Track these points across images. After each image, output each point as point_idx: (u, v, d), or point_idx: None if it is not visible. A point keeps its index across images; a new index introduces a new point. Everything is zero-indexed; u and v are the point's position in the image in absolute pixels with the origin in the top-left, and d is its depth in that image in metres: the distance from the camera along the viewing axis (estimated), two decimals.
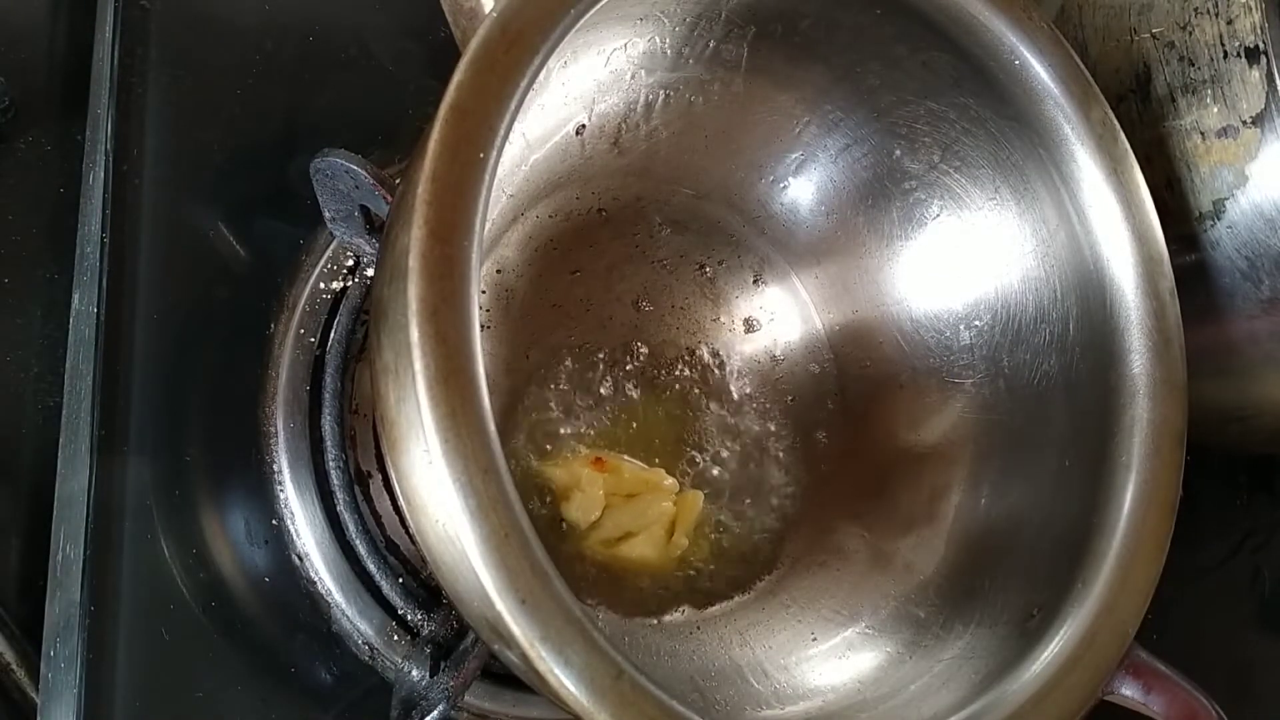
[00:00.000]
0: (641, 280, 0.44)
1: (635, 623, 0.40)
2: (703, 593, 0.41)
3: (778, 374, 0.46)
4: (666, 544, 0.40)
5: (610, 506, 0.40)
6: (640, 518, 0.40)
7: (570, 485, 0.40)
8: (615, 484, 0.40)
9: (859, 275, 0.45)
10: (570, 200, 0.43)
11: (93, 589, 0.35)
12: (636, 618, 0.40)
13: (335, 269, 0.43)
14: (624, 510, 0.40)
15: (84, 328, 0.38)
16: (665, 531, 0.40)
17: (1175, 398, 0.36)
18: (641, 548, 0.40)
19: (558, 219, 0.43)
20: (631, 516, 0.40)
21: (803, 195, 0.45)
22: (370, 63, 0.46)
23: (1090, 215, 0.37)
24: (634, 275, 0.44)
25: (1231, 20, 0.37)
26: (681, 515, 0.41)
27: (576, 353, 0.42)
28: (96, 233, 0.38)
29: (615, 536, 0.40)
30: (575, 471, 0.40)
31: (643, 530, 0.40)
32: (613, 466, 0.40)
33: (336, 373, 0.42)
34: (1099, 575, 0.34)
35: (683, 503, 0.41)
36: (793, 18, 0.38)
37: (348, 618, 0.40)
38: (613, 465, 0.40)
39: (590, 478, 0.39)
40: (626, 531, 0.40)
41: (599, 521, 0.40)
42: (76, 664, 0.34)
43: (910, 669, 0.37)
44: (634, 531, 0.40)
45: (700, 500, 0.41)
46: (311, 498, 0.41)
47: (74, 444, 0.37)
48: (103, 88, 0.40)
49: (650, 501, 0.40)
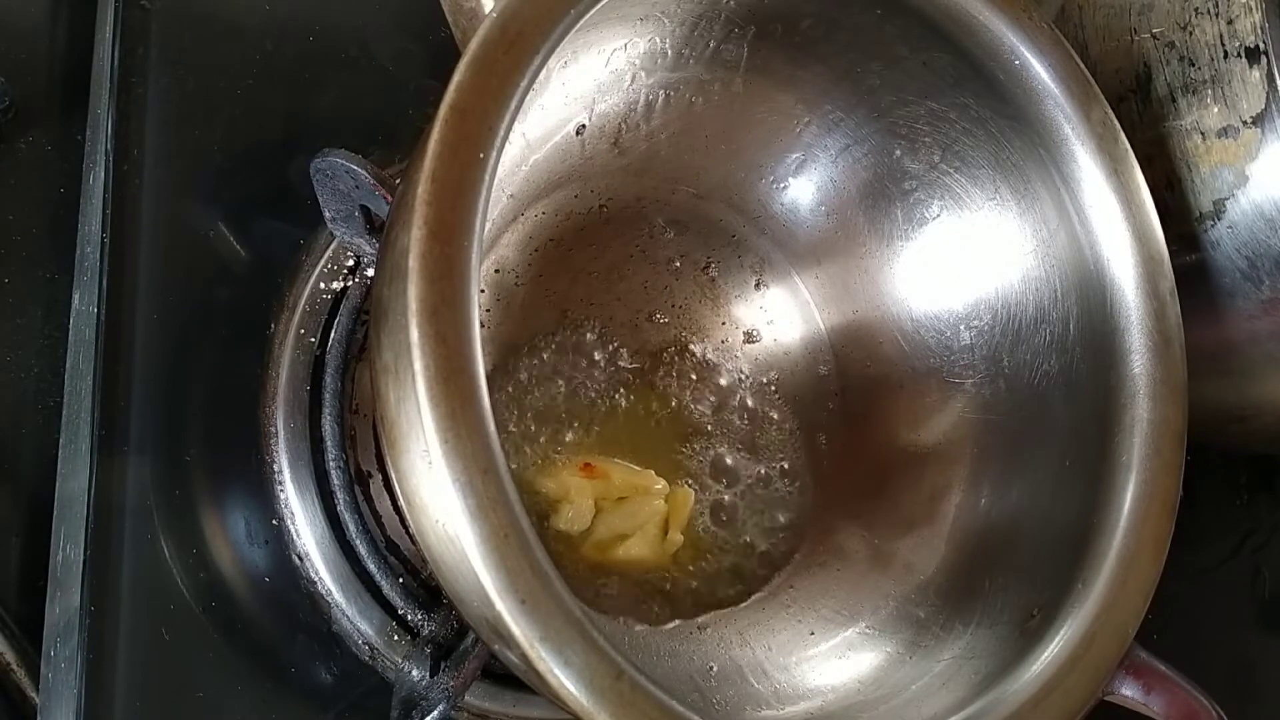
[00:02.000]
0: (642, 280, 0.44)
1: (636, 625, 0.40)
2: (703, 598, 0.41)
3: (778, 374, 0.46)
4: (661, 542, 0.40)
5: (601, 511, 0.40)
6: (632, 519, 0.40)
7: (560, 497, 0.39)
8: (605, 489, 0.40)
9: (859, 275, 0.45)
10: (570, 200, 0.43)
11: (93, 589, 0.35)
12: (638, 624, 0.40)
13: (335, 269, 0.43)
14: (615, 513, 0.40)
15: (84, 328, 0.38)
16: (659, 530, 0.40)
17: (1175, 398, 0.36)
18: (636, 548, 0.40)
19: (558, 219, 0.43)
20: (623, 519, 0.40)
21: (803, 195, 0.45)
22: (370, 63, 0.46)
23: (1091, 215, 0.37)
24: (634, 275, 0.44)
25: (1232, 20, 0.37)
26: (674, 512, 0.41)
27: (576, 352, 0.42)
28: (97, 233, 0.38)
29: (609, 539, 0.40)
30: (565, 481, 0.40)
31: (636, 531, 0.40)
32: (602, 472, 0.40)
33: (337, 373, 0.42)
34: (1099, 575, 0.34)
35: (674, 500, 0.41)
36: (793, 18, 0.38)
37: (348, 618, 0.40)
38: (602, 471, 0.40)
39: (579, 487, 0.39)
40: (620, 534, 0.40)
41: (592, 527, 0.40)
42: (76, 664, 0.34)
43: (910, 669, 0.37)
44: (627, 533, 0.40)
45: (691, 497, 0.41)
46: (311, 498, 0.41)
47: (74, 444, 0.37)
48: (103, 88, 0.40)
49: (641, 503, 0.40)
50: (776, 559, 0.43)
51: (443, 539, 0.27)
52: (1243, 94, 0.37)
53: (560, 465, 0.40)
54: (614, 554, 0.40)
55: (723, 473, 0.43)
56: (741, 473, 0.44)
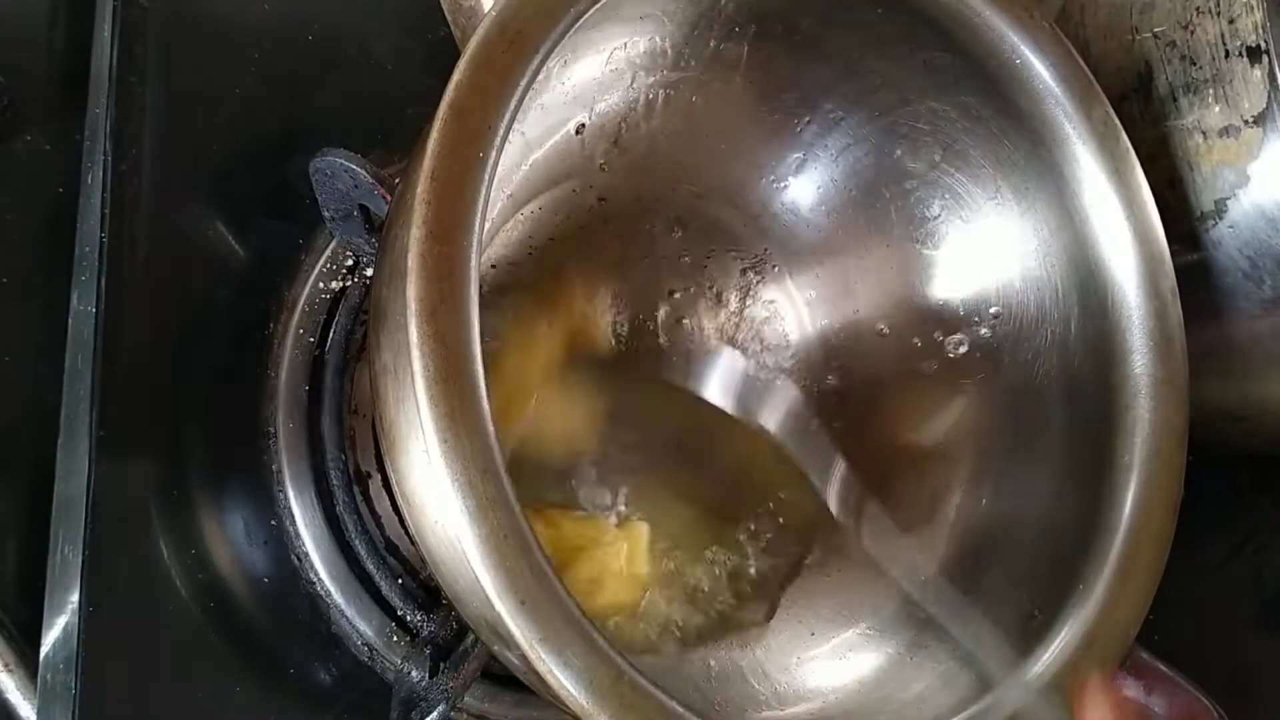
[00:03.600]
0: (642, 279, 0.44)
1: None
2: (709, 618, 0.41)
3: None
4: (631, 583, 0.40)
5: (566, 565, 0.39)
6: (599, 566, 0.39)
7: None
8: (557, 538, 0.39)
9: (860, 275, 0.45)
10: (570, 199, 0.43)
11: (91, 590, 0.35)
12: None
13: (335, 269, 0.43)
14: (580, 565, 0.39)
15: (83, 328, 0.37)
16: (625, 571, 0.40)
17: (1177, 398, 0.36)
18: (610, 595, 0.39)
19: (558, 218, 0.43)
20: (590, 568, 0.39)
21: (804, 195, 0.45)
22: (370, 62, 0.46)
23: (1092, 215, 0.37)
24: (634, 274, 0.44)
25: (1233, 19, 0.37)
26: (633, 550, 0.40)
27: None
28: (95, 232, 0.38)
29: (582, 591, 0.39)
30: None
31: (607, 577, 0.39)
32: (552, 520, 0.40)
33: (336, 373, 0.42)
34: (1100, 576, 0.34)
35: (630, 536, 0.40)
36: (793, 17, 0.38)
37: (347, 618, 0.40)
38: (552, 519, 0.40)
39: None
40: (590, 583, 0.39)
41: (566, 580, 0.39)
42: (75, 664, 0.34)
43: (912, 670, 0.37)
44: (599, 580, 0.39)
45: (645, 530, 0.41)
46: (311, 498, 0.41)
47: (73, 444, 0.36)
48: (101, 87, 0.40)
49: (599, 550, 0.40)
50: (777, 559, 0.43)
51: (442, 539, 0.27)
52: (1244, 93, 0.37)
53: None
54: (590, 605, 0.39)
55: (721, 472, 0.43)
56: (740, 473, 0.44)
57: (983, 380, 0.42)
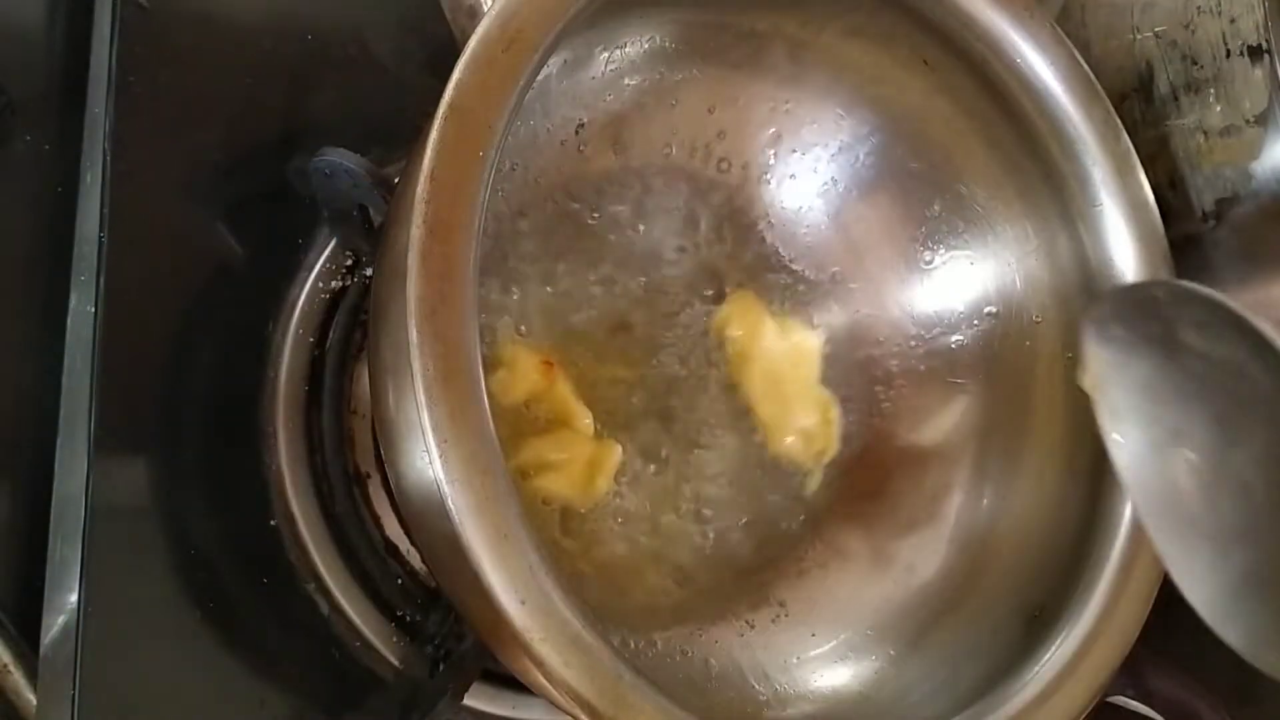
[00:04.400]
0: (641, 279, 0.44)
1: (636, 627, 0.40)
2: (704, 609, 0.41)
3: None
4: (586, 487, 0.39)
5: (528, 436, 0.39)
6: (557, 450, 0.39)
7: (505, 362, 0.39)
8: (543, 392, 0.39)
9: (860, 275, 0.45)
10: (569, 199, 0.43)
11: (90, 590, 0.35)
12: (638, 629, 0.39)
13: (334, 268, 0.43)
14: (542, 441, 0.39)
15: (82, 328, 0.37)
16: (584, 472, 0.39)
17: None
18: (558, 484, 0.39)
19: (557, 218, 0.43)
20: (549, 448, 0.39)
21: (804, 194, 0.45)
22: (370, 62, 0.46)
23: (1092, 214, 0.37)
24: (633, 274, 0.44)
25: (1234, 19, 0.37)
26: (600, 463, 0.40)
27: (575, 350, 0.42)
28: (94, 232, 0.38)
29: (533, 465, 0.39)
30: (517, 354, 0.39)
31: (561, 465, 0.39)
32: (552, 377, 0.39)
33: (335, 372, 0.42)
34: (1101, 576, 0.34)
35: (601, 449, 0.40)
36: (794, 18, 0.38)
37: (347, 619, 0.40)
38: (553, 376, 0.39)
39: (525, 368, 0.39)
40: (544, 463, 0.39)
41: (516, 449, 0.39)
42: (74, 665, 0.34)
43: (912, 670, 0.37)
44: (552, 464, 0.39)
45: (618, 452, 0.40)
46: (310, 498, 0.41)
47: (72, 444, 0.36)
48: (100, 87, 0.40)
49: (569, 438, 0.39)
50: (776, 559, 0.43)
51: (441, 539, 0.27)
52: (1245, 93, 0.37)
53: (526, 344, 0.40)
54: (535, 482, 0.39)
55: (720, 471, 0.43)
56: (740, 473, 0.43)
57: (983, 380, 0.42)
